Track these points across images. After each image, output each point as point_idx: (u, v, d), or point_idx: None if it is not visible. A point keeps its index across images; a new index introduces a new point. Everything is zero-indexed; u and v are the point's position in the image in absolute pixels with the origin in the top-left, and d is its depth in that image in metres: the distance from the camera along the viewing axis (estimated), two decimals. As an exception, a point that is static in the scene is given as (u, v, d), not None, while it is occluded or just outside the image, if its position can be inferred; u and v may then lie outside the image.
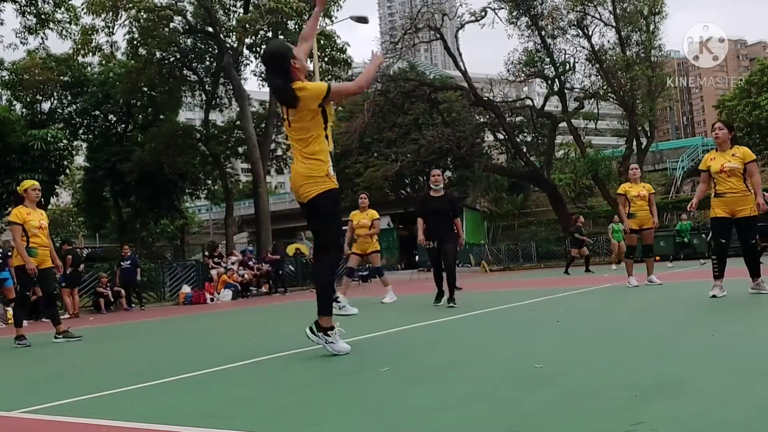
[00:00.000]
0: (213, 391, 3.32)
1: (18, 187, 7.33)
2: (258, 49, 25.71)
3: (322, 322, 4.05)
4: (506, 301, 7.96)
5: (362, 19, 20.60)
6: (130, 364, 4.92)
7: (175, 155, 24.99)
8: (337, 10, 24.53)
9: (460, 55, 27.50)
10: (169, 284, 18.07)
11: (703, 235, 19.06)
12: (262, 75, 26.82)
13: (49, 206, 28.99)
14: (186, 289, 16.91)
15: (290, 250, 24.72)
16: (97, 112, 27.05)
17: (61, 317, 13.22)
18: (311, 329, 4.06)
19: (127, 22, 22.83)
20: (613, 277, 12.01)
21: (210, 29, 24.09)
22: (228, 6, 25.06)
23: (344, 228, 7.81)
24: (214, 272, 17.33)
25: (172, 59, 25.04)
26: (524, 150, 30.57)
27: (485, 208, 40.28)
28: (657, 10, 26.80)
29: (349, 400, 2.85)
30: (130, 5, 21.86)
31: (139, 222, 29.22)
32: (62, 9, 22.60)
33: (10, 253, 12.86)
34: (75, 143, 26.72)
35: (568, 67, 28.80)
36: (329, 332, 4.04)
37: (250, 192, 32.89)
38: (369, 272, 23.64)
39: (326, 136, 4.11)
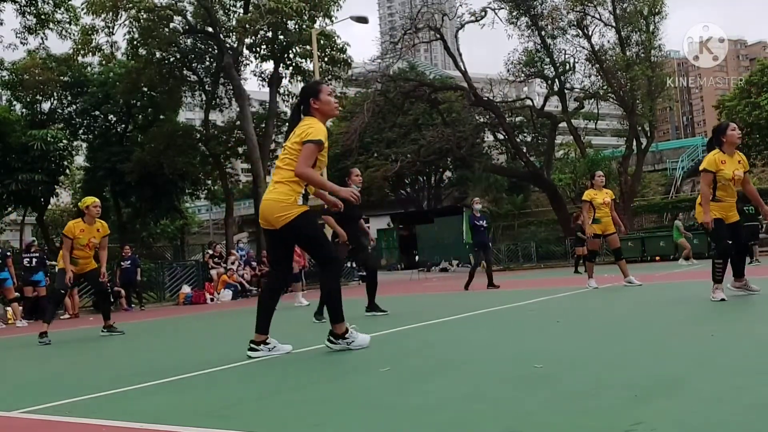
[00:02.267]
0: (213, 391, 3.32)
1: (79, 204, 7.73)
2: (258, 49, 25.72)
3: (336, 329, 4.29)
4: (506, 301, 7.95)
5: (362, 19, 20.62)
6: (130, 364, 4.93)
7: (175, 155, 25.00)
8: (337, 10, 24.53)
9: (460, 55, 27.50)
10: (169, 284, 18.08)
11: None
12: (262, 75, 26.89)
13: (49, 206, 29.01)
14: (186, 289, 16.91)
15: None
16: (97, 113, 27.06)
17: (61, 317, 13.32)
18: (329, 340, 4.30)
19: (127, 22, 22.83)
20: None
21: (210, 29, 24.09)
22: (228, 6, 25.06)
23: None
24: (214, 272, 17.32)
25: (172, 59, 25.04)
26: (524, 150, 30.55)
27: (485, 208, 40.21)
28: (657, 10, 26.78)
29: (349, 400, 2.85)
30: (130, 5, 21.85)
31: (139, 222, 29.23)
32: (62, 9, 22.60)
33: (9, 253, 12.90)
34: (75, 143, 26.72)
35: (568, 67, 28.79)
36: (346, 335, 4.28)
37: (250, 192, 32.89)
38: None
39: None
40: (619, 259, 9.52)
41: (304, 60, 25.59)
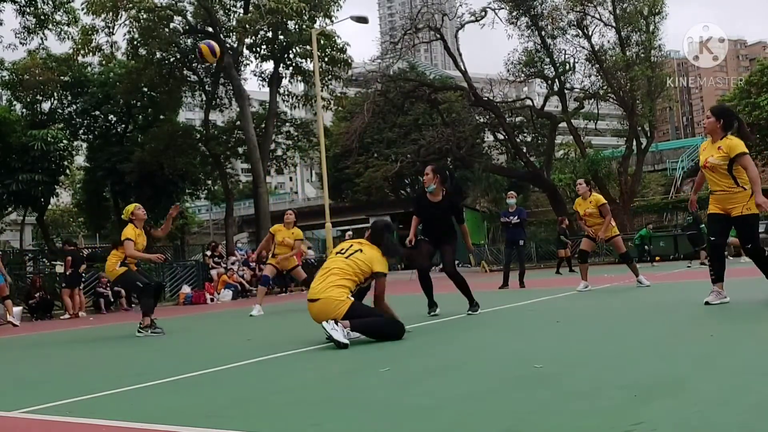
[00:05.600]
0: (213, 391, 3.32)
1: (122, 215, 7.75)
2: (258, 49, 25.73)
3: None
4: (506, 301, 7.95)
5: (362, 19, 20.62)
6: (130, 364, 4.93)
7: (175, 155, 25.00)
8: (338, 10, 24.55)
9: (460, 55, 27.51)
10: (169, 284, 18.07)
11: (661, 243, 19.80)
12: (262, 75, 26.89)
13: (49, 206, 29.00)
14: (186, 289, 16.90)
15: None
16: (98, 113, 27.05)
17: (61, 317, 13.32)
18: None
19: (127, 22, 22.86)
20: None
21: (210, 29, 24.10)
22: (228, 6, 25.07)
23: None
24: (214, 272, 17.32)
25: (172, 59, 25.05)
26: (524, 150, 30.56)
27: (485, 208, 40.26)
28: (657, 10, 26.80)
29: (349, 400, 2.85)
30: (130, 5, 21.87)
31: (139, 222, 29.20)
32: (61, 11, 22.60)
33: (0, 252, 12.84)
34: (75, 143, 26.71)
35: (568, 67, 28.81)
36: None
37: (250, 192, 32.91)
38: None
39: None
40: (627, 262, 9.07)
41: (304, 60, 25.61)
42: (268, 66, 26.24)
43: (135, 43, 23.62)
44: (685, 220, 21.75)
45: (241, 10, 24.34)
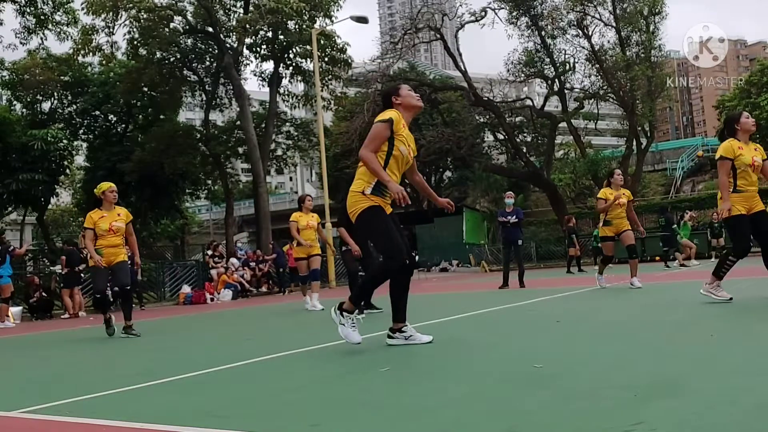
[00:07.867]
0: (213, 391, 3.32)
1: (95, 190, 7.42)
2: (258, 49, 25.74)
3: (346, 305, 4.27)
4: (506, 301, 7.95)
5: (362, 19, 20.62)
6: (130, 364, 4.92)
7: (175, 155, 25.03)
8: (337, 10, 24.56)
9: (460, 55, 27.51)
10: (169, 284, 18.08)
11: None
12: (262, 75, 26.90)
13: (50, 206, 29.02)
14: (186, 288, 16.91)
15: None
16: (98, 112, 27.08)
17: (61, 317, 13.32)
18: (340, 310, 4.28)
19: (127, 22, 22.89)
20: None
21: (210, 29, 24.13)
22: (228, 6, 25.10)
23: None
24: (214, 272, 17.33)
25: (172, 59, 25.07)
26: (524, 150, 30.54)
27: (485, 208, 40.23)
28: (657, 10, 26.80)
29: (349, 400, 2.85)
30: (130, 5, 21.89)
31: (139, 222, 29.22)
32: (61, 11, 22.62)
33: (11, 248, 12.81)
34: (75, 143, 26.75)
35: (568, 67, 28.80)
36: (352, 315, 4.26)
37: (250, 192, 32.93)
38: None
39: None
40: (632, 257, 9.00)
41: (304, 60, 25.64)
42: (268, 66, 26.29)
43: (135, 43, 23.66)
44: (659, 222, 21.73)
45: (241, 10, 24.35)
